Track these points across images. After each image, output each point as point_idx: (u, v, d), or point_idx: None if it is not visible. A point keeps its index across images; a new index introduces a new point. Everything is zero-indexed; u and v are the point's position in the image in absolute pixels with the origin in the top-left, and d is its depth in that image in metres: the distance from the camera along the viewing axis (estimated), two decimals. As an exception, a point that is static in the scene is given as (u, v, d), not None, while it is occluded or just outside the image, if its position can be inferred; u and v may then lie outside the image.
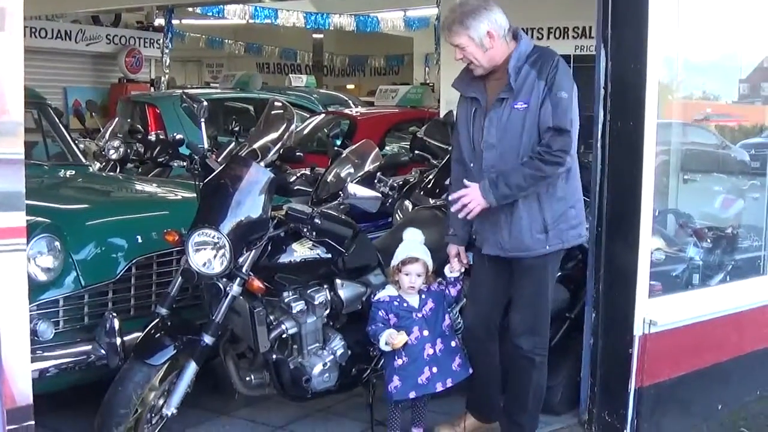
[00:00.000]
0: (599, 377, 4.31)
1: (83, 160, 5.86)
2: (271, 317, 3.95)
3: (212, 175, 3.88)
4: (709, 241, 5.14)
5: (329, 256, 4.01)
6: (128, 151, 7.23)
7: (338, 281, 4.13)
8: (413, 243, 4.09)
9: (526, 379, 3.93)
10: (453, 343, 4.11)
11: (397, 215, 5.50)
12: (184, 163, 5.46)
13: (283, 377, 4.03)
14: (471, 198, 3.77)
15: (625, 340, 4.17)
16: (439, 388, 4.04)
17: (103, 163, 7.02)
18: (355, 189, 3.97)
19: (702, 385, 4.50)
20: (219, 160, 4.11)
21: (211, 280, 3.76)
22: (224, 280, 3.76)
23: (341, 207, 4.19)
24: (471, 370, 4.13)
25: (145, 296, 4.25)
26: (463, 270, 4.15)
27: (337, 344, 4.10)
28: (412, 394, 4.03)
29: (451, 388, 4.09)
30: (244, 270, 3.74)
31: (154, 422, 3.88)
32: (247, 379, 4.09)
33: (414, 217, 4.94)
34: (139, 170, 7.27)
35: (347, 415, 4.52)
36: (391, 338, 3.90)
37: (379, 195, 4.09)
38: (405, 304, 4.03)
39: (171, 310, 3.91)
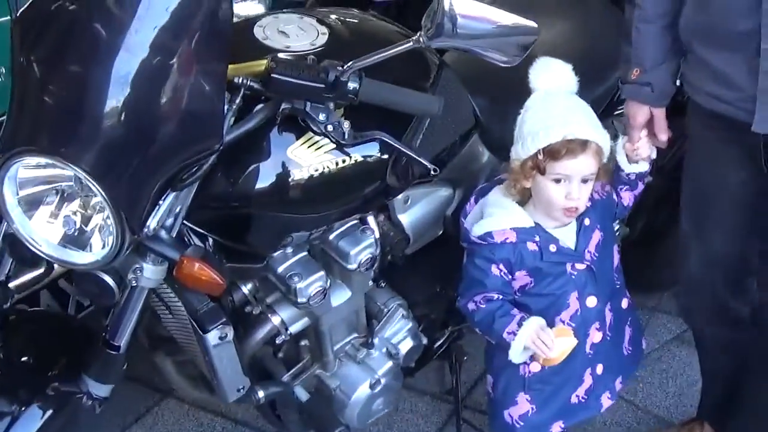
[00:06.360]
0: None
1: None
2: (252, 303, 1.71)
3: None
4: None
5: (378, 155, 1.65)
6: None
7: (396, 199, 1.80)
8: (565, 100, 1.69)
9: None
10: (624, 303, 1.91)
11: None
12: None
13: (285, 412, 1.88)
14: None
15: None
16: (606, 403, 1.92)
17: None
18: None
19: None
20: None
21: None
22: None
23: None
24: (644, 343, 2.02)
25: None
26: (654, 155, 1.82)
27: (400, 329, 1.87)
28: (556, 428, 1.89)
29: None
30: (164, 236, 1.43)
31: None
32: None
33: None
34: None
35: (412, 388, 2.40)
36: (538, 345, 1.65)
37: (535, 25, 1.52)
38: (553, 247, 1.74)
39: (14, 313, 1.65)
